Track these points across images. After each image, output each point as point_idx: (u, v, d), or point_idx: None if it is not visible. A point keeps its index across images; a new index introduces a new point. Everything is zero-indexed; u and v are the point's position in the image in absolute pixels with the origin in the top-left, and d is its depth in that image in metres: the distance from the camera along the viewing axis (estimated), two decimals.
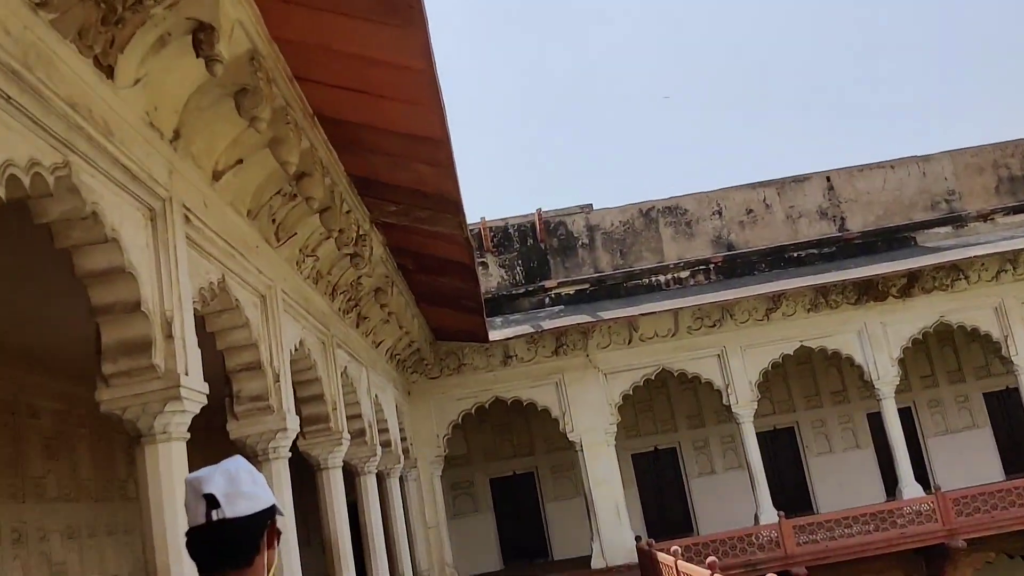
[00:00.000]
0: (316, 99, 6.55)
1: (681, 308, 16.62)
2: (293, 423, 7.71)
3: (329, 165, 7.62)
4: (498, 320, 17.84)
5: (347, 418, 11.86)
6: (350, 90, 6.27)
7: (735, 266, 18.24)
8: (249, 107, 5.73)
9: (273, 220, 7.75)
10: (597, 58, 65.55)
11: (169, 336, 5.25)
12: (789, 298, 17.54)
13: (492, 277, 18.49)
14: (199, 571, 1.95)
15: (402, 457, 14.73)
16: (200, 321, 7.04)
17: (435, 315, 14.29)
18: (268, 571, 2.00)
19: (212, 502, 1.91)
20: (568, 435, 17.56)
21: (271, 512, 2.01)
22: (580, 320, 16.60)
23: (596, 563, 17.08)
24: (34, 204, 4.51)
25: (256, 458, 7.45)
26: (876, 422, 21.06)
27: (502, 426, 21.14)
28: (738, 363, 17.57)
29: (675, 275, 18.15)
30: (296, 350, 8.67)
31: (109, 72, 4.76)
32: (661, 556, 13.22)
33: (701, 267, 18.19)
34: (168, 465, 4.98)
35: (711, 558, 9.82)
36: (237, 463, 2.01)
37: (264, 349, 7.41)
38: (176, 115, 5.61)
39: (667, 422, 21.24)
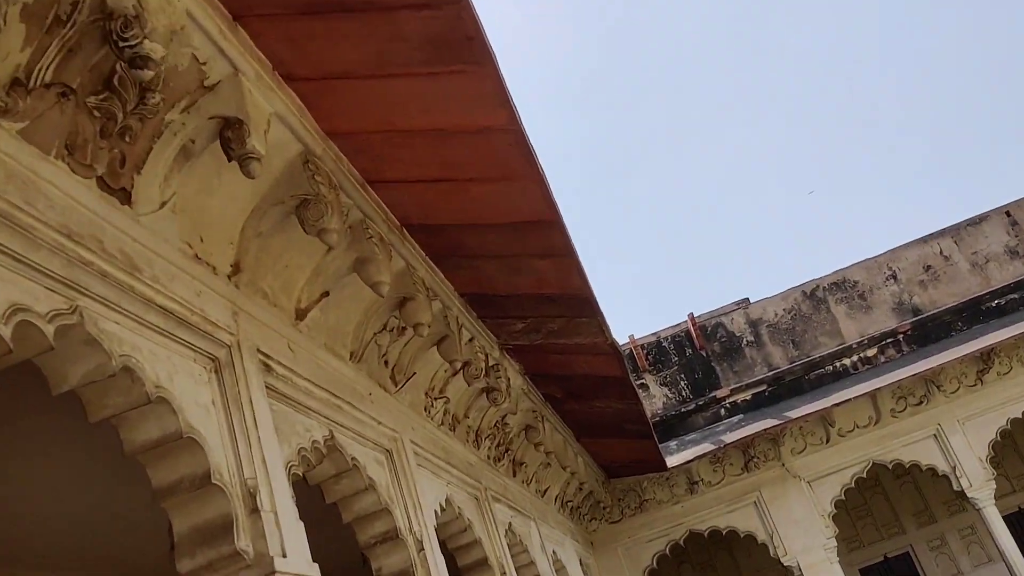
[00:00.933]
0: (397, 203, 5.58)
1: (878, 389, 14.47)
2: None
3: (434, 285, 6.59)
4: (672, 444, 16.11)
5: None
6: (431, 181, 5.27)
7: (927, 331, 16.00)
8: (314, 219, 4.78)
9: (385, 361, 6.72)
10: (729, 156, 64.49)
11: (255, 511, 4.13)
12: (1001, 353, 15.11)
13: (655, 398, 16.90)
14: None
15: None
16: (319, 492, 5.99)
17: (601, 449, 12.82)
18: None
19: None
20: (782, 560, 15.28)
21: None
22: (766, 425, 14.69)
23: None
24: (45, 366, 3.57)
25: None
26: None
27: (704, 563, 18.92)
28: (960, 440, 15.06)
29: (861, 355, 16.05)
30: (443, 510, 7.44)
31: (124, 197, 3.89)
32: None
33: (889, 340, 16.04)
34: None
35: None
36: None
37: (399, 514, 6.22)
38: (231, 245, 4.70)
39: (891, 525, 18.49)
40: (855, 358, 16.03)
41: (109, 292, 3.67)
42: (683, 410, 16.49)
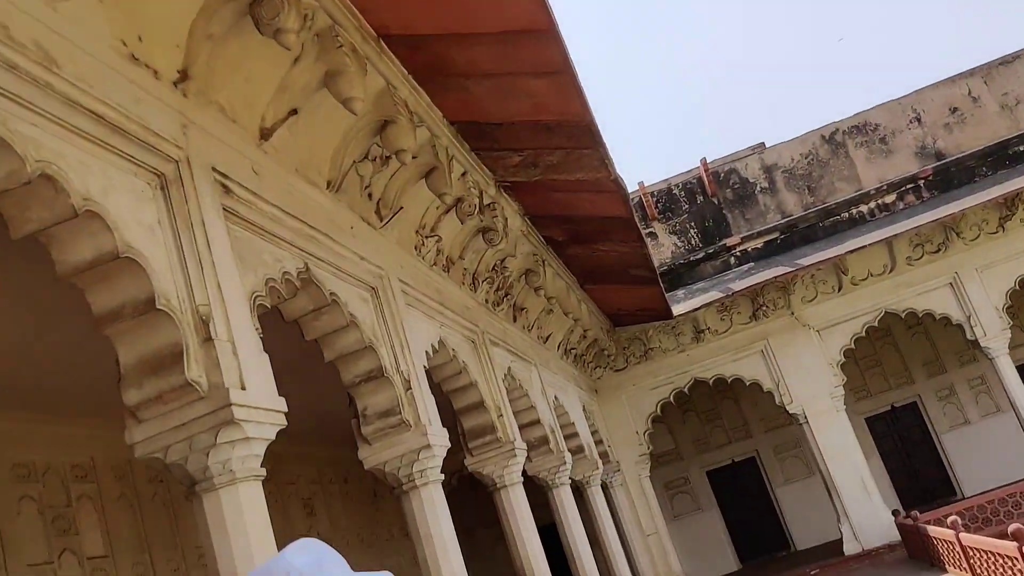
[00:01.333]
0: (371, 8, 4.95)
1: (895, 236, 13.98)
2: (440, 438, 6.13)
3: (418, 109, 6.01)
4: (680, 293, 15.79)
5: (521, 426, 10.28)
6: None
7: (950, 176, 15.34)
8: (268, 17, 4.19)
9: (368, 194, 6.23)
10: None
11: (208, 339, 3.75)
12: None
13: (664, 247, 16.48)
14: None
15: (599, 462, 12.97)
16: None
17: (605, 296, 12.48)
18: None
19: None
20: (788, 408, 15.22)
21: None
22: (777, 272, 14.31)
23: (849, 548, 14.60)
24: None
25: (401, 487, 5.94)
26: None
27: (709, 411, 18.98)
28: (977, 288, 14.67)
29: (879, 201, 15.47)
30: (436, 352, 7.13)
31: None
32: (935, 530, 10.76)
33: (909, 186, 15.41)
34: (237, 517, 3.59)
35: (1015, 525, 7.43)
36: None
37: (385, 352, 5.87)
38: (178, 48, 4.13)
39: (900, 375, 18.38)
40: (872, 205, 15.45)
41: (21, 88, 3.16)
42: (692, 259, 16.09)
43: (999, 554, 7.83)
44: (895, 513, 13.88)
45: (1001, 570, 8.09)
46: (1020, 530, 7.34)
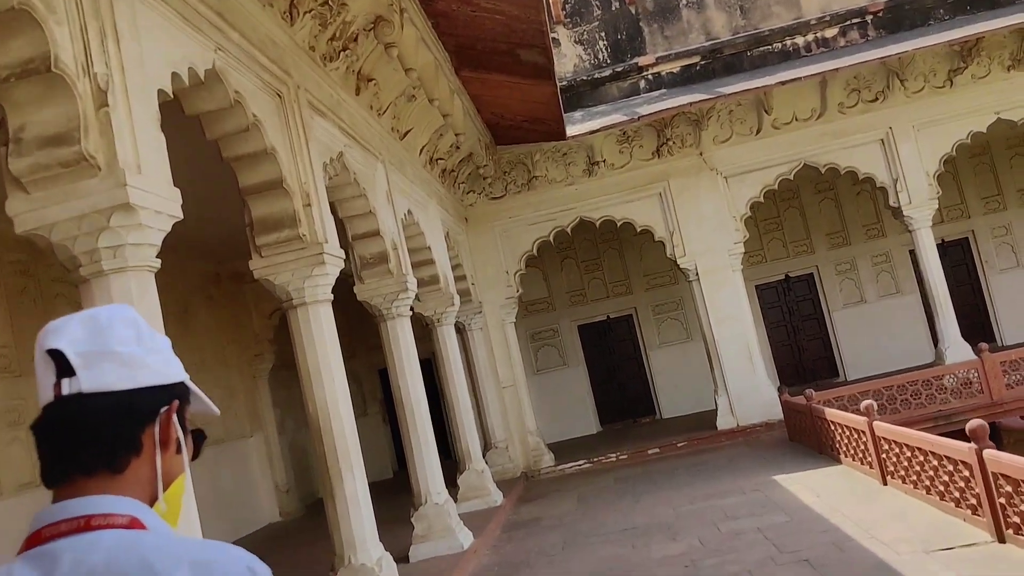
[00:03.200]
0: None
1: (834, 71, 11.81)
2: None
3: None
4: (577, 115, 13.35)
5: (355, 236, 7.86)
6: None
7: (902, 15, 13.16)
8: None
9: None
10: None
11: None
12: (983, 52, 12.53)
13: (567, 58, 13.87)
14: (43, 477, 1.13)
15: (456, 298, 10.73)
16: None
17: (486, 91, 9.91)
18: (162, 487, 1.16)
19: (63, 365, 1.12)
20: (679, 261, 13.27)
21: (171, 393, 1.20)
22: (691, 100, 12.00)
23: (724, 422, 13.07)
24: None
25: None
26: None
27: (590, 261, 16.97)
28: (910, 149, 12.81)
29: (818, 34, 13.20)
30: (191, 78, 4.50)
31: None
32: (838, 415, 9.07)
33: (855, 20, 13.17)
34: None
35: (976, 421, 5.56)
36: (114, 311, 1.20)
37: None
38: None
39: (801, 242, 16.72)
40: (811, 37, 13.18)
41: None
42: (597, 76, 13.57)
43: (943, 456, 6.02)
44: (780, 389, 12.29)
45: (935, 474, 6.33)
46: (982, 428, 5.47)
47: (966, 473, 5.73)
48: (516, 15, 7.26)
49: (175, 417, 1.19)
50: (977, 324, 15.73)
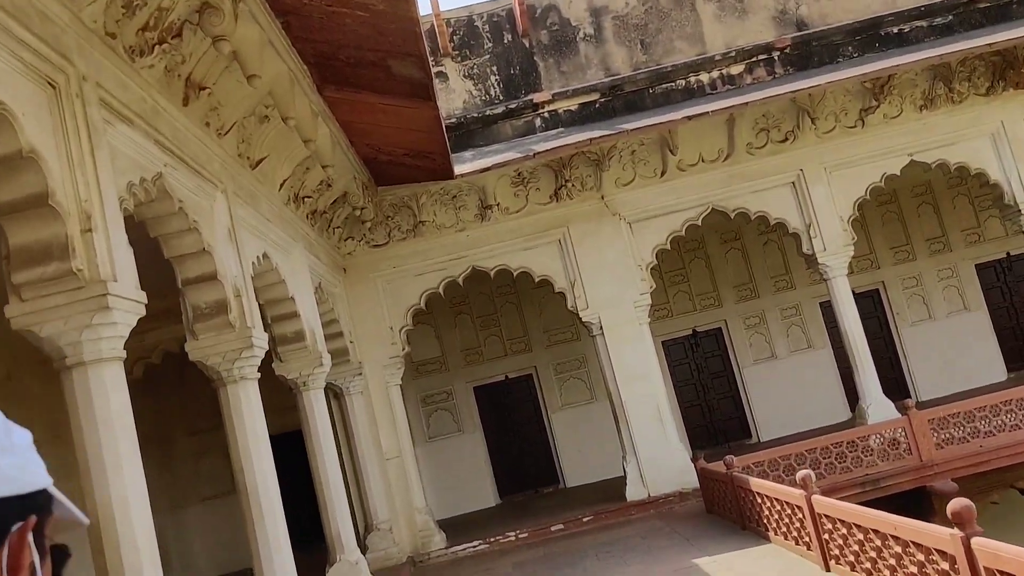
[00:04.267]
0: None
1: (742, 106, 10.92)
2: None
3: None
4: (467, 155, 12.12)
5: (187, 280, 6.37)
6: None
7: (810, 52, 12.47)
8: None
9: None
10: None
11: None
12: (894, 90, 11.89)
13: (455, 94, 12.68)
14: None
15: (326, 358, 9.22)
16: None
17: (357, 116, 8.55)
18: None
19: None
20: (581, 314, 12.07)
21: (28, 505, 1.01)
22: (591, 136, 10.92)
23: (634, 492, 11.78)
24: None
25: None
26: (991, 276, 15.76)
27: (486, 317, 15.64)
28: (823, 192, 12.01)
29: (724, 71, 12.37)
30: None
31: None
32: (766, 486, 7.87)
33: (762, 56, 12.40)
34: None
35: (960, 502, 4.37)
36: None
37: None
38: None
39: (708, 295, 15.78)
40: (716, 74, 12.35)
41: None
42: (489, 113, 12.41)
43: (910, 542, 4.81)
44: (695, 456, 11.08)
45: (897, 564, 5.11)
46: (968, 510, 4.29)
47: (945, 566, 4.52)
48: (382, 12, 5.97)
49: (30, 537, 0.98)
50: (891, 379, 14.97)
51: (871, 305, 15.51)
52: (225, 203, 6.84)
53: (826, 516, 6.36)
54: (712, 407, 15.79)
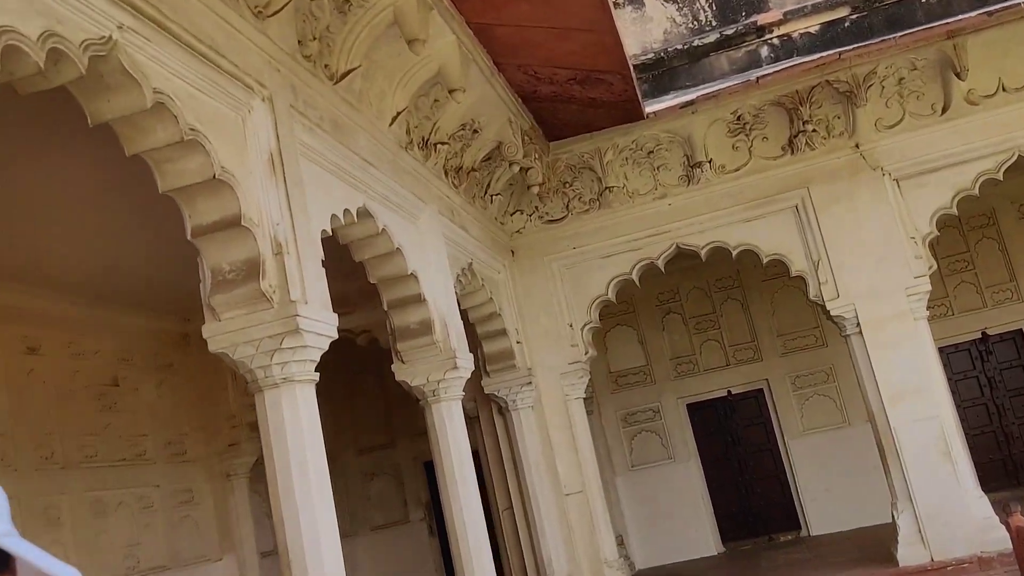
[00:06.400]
0: None
1: None
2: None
3: None
4: (667, 98, 9.24)
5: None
6: None
7: None
8: None
9: None
10: None
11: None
12: None
13: (653, 23, 9.85)
14: None
15: (461, 359, 6.69)
16: None
17: (490, 11, 5.97)
18: None
19: None
20: (829, 307, 8.81)
21: None
22: (840, 50, 7.75)
23: (909, 555, 8.33)
24: None
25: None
26: None
27: (701, 314, 12.67)
28: None
29: None
30: None
31: None
32: None
33: None
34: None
35: None
36: None
37: None
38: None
39: (1003, 287, 11.94)
40: None
41: None
42: (697, 44, 9.45)
43: None
44: (1006, 507, 7.47)
45: None
46: None
47: None
48: None
49: None
50: None
51: None
52: (270, 116, 4.46)
53: None
54: (1011, 436, 11.83)
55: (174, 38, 3.64)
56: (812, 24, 9.30)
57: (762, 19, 9.37)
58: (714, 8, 9.69)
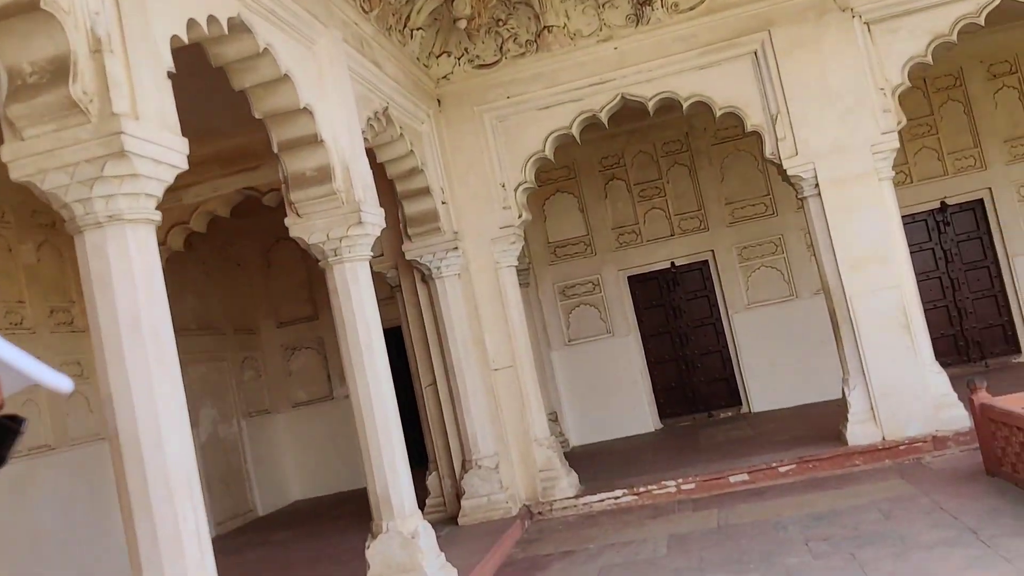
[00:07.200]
0: None
1: None
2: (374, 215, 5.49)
3: None
4: None
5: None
6: None
7: None
8: None
9: None
10: None
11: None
12: None
13: None
14: None
15: (368, 213, 5.70)
16: None
17: None
18: None
19: None
20: (787, 165, 7.98)
21: None
22: None
23: (860, 433, 7.83)
24: None
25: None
26: None
27: (646, 180, 11.80)
28: None
29: None
30: None
31: None
32: None
33: None
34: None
35: None
36: None
37: None
38: None
39: (965, 153, 11.24)
40: None
41: None
42: None
43: None
44: (971, 384, 6.88)
45: None
46: None
47: None
48: None
49: None
50: None
51: None
52: None
53: None
54: (964, 311, 11.35)
55: None
56: None
57: None
58: None
